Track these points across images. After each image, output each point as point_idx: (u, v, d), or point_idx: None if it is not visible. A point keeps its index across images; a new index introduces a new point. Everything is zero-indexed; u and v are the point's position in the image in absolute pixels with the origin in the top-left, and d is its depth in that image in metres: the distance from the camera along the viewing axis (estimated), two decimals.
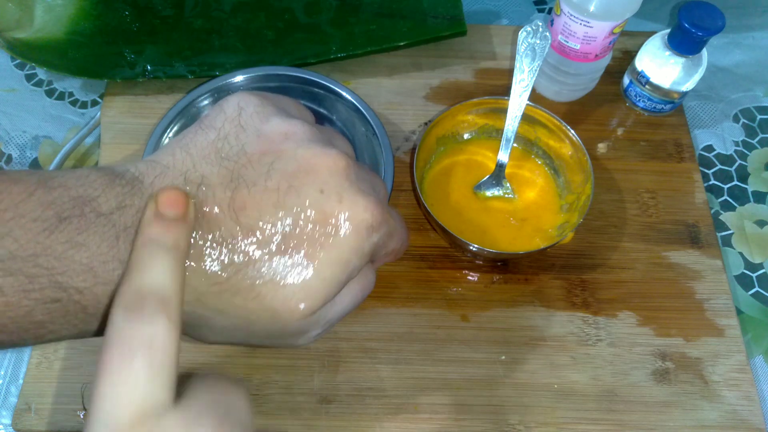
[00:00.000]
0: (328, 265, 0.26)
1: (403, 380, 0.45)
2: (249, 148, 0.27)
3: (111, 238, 0.24)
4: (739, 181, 0.57)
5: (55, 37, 0.55)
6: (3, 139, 0.57)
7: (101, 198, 0.24)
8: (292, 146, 0.27)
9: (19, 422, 0.42)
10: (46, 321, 0.24)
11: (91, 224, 0.24)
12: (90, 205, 0.24)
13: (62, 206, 0.23)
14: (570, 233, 0.47)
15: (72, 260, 0.23)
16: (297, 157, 0.27)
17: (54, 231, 0.23)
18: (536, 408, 0.44)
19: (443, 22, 0.57)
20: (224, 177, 0.26)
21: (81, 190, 0.24)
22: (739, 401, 0.45)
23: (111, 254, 0.24)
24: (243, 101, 0.29)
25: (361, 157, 0.51)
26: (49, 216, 0.23)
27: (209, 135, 0.28)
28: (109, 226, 0.24)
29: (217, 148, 0.27)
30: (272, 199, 0.26)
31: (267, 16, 0.57)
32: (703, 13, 0.49)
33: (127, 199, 0.25)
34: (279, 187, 0.26)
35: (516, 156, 0.52)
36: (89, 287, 0.24)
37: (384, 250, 0.30)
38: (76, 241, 0.23)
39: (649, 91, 0.54)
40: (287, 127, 0.28)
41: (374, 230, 0.27)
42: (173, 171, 0.26)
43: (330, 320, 0.29)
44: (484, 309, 0.47)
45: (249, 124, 0.28)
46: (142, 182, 0.26)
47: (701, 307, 0.48)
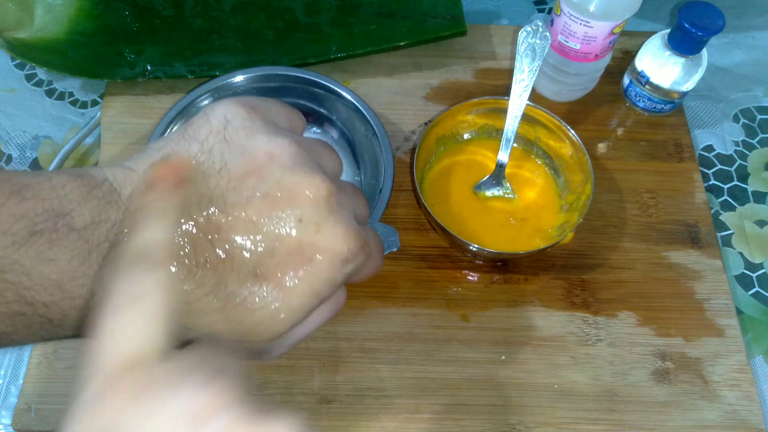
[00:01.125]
0: (299, 295, 0.26)
1: (403, 380, 0.45)
2: (231, 166, 0.26)
3: (83, 253, 0.24)
4: (739, 181, 0.57)
5: (55, 37, 0.55)
6: (3, 139, 0.57)
7: (75, 212, 0.24)
8: (274, 169, 0.26)
9: (19, 422, 0.42)
10: (9, 332, 0.23)
11: (63, 239, 0.23)
12: (63, 219, 0.23)
13: (34, 219, 0.23)
14: (570, 233, 0.47)
15: (40, 275, 0.23)
16: (279, 182, 0.26)
17: (23, 245, 0.23)
18: (536, 408, 0.44)
19: (443, 22, 0.57)
20: (202, 196, 0.26)
21: (55, 202, 0.24)
22: (739, 401, 0.45)
23: (81, 270, 0.24)
24: (230, 113, 0.28)
25: (361, 157, 0.51)
26: (20, 229, 0.23)
27: (192, 147, 0.27)
28: (82, 241, 0.24)
29: (199, 163, 0.26)
30: (249, 225, 0.25)
31: (267, 16, 0.57)
32: (703, 13, 0.49)
33: (102, 213, 0.24)
34: (257, 213, 0.26)
35: (516, 156, 0.52)
36: (56, 301, 0.23)
37: (357, 275, 0.29)
38: (45, 256, 0.23)
39: (649, 91, 0.54)
40: (272, 148, 0.27)
41: (349, 262, 0.27)
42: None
43: (296, 340, 0.29)
44: (484, 309, 0.47)
45: (234, 139, 0.27)
46: (119, 194, 0.25)
47: (701, 307, 0.48)
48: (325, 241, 0.26)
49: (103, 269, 0.24)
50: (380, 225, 0.44)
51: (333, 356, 0.45)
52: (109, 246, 0.24)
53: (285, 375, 0.44)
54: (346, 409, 0.43)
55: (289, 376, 0.44)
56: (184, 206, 0.25)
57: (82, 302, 0.24)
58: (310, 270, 0.26)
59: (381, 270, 0.48)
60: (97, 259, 0.24)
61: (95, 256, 0.24)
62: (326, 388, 0.44)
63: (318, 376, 0.44)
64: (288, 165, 0.27)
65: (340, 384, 0.44)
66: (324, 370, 0.45)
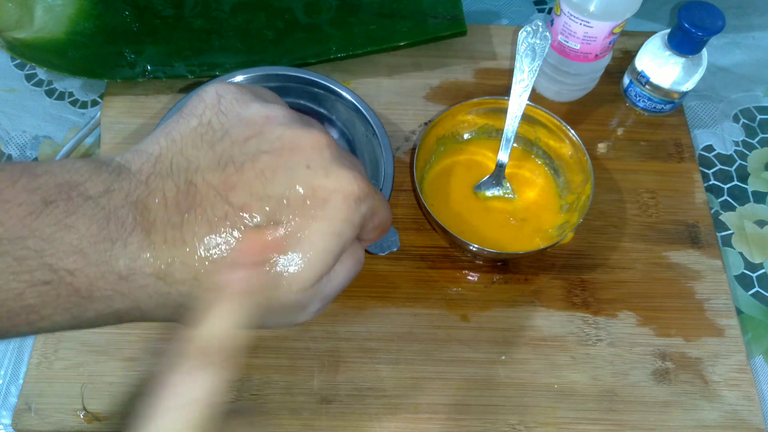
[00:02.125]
0: (321, 236, 0.27)
1: (403, 380, 0.45)
2: (233, 132, 0.28)
3: (101, 219, 0.24)
4: (739, 181, 0.57)
5: (55, 37, 0.55)
6: (3, 139, 0.57)
7: (88, 183, 0.24)
8: (274, 127, 0.28)
9: (19, 422, 0.43)
10: (37, 305, 0.23)
11: (79, 207, 0.24)
12: (77, 190, 0.24)
13: (48, 191, 0.24)
14: (570, 233, 0.47)
15: (61, 242, 0.23)
16: (281, 137, 0.28)
17: (40, 215, 0.23)
18: (536, 408, 0.44)
19: (443, 22, 0.57)
20: (211, 160, 0.27)
21: (67, 176, 0.24)
22: (739, 401, 0.45)
23: (102, 235, 0.24)
24: (221, 89, 0.29)
25: (361, 157, 0.51)
26: (35, 201, 0.23)
27: (191, 122, 0.28)
28: (98, 208, 0.24)
29: (201, 134, 0.27)
30: (261, 177, 0.26)
31: (267, 16, 0.57)
32: (703, 13, 0.49)
33: (114, 184, 0.25)
34: (266, 166, 0.27)
35: (516, 156, 0.52)
36: (80, 268, 0.24)
37: (371, 223, 0.30)
38: (64, 224, 0.23)
39: (649, 91, 0.54)
40: (267, 111, 0.28)
41: (362, 201, 0.28)
42: (160, 157, 0.27)
43: (327, 295, 0.29)
44: (484, 309, 0.47)
45: (229, 110, 0.28)
46: (129, 169, 0.26)
47: (701, 307, 0.48)
48: (335, 183, 0.27)
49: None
50: None
51: (333, 356, 0.45)
52: (126, 212, 0.24)
53: (285, 375, 0.44)
54: (346, 409, 0.43)
55: (289, 376, 0.44)
56: (193, 173, 0.26)
57: (107, 269, 0.24)
58: (327, 211, 0.27)
59: (381, 270, 0.48)
60: (115, 225, 0.24)
61: (113, 222, 0.24)
62: (326, 388, 0.44)
63: (318, 376, 0.44)
64: (285, 122, 0.28)
65: (340, 384, 0.44)
66: (324, 370, 0.45)
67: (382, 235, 0.32)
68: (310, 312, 0.29)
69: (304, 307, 0.29)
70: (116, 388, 0.44)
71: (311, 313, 0.29)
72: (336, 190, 0.27)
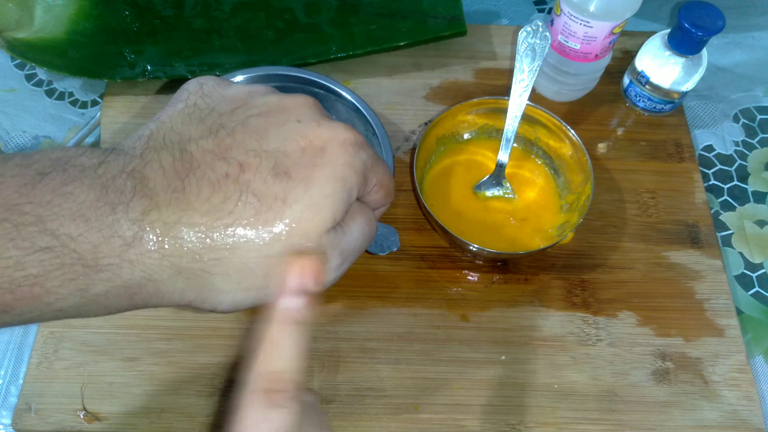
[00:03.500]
0: (326, 181, 0.27)
1: (403, 380, 0.45)
2: (219, 107, 0.28)
3: (98, 187, 0.24)
4: (739, 181, 0.57)
5: (55, 37, 0.55)
6: (3, 139, 0.57)
7: (83, 157, 0.25)
8: (259, 97, 0.29)
9: (19, 422, 0.43)
10: (40, 275, 0.22)
11: (76, 177, 0.24)
12: (71, 162, 0.24)
13: (42, 165, 0.23)
14: (570, 233, 0.47)
15: (60, 207, 0.23)
16: (267, 102, 0.29)
17: (37, 185, 0.23)
18: (536, 408, 0.44)
19: (443, 22, 0.57)
20: (203, 131, 0.27)
21: (60, 153, 0.24)
22: (739, 401, 0.45)
23: (101, 201, 0.24)
24: (202, 79, 0.30)
25: None
26: (30, 173, 0.23)
27: (178, 106, 0.28)
28: (95, 176, 0.24)
29: (189, 113, 0.28)
30: (254, 136, 0.27)
31: (267, 16, 0.57)
32: (703, 13, 0.49)
33: (109, 157, 0.25)
34: (258, 125, 0.27)
35: (516, 156, 0.52)
36: (82, 233, 0.23)
37: (374, 177, 0.30)
38: (61, 191, 0.23)
39: (649, 91, 0.54)
40: (249, 88, 0.30)
41: (359, 147, 0.28)
42: (152, 135, 0.27)
43: (345, 249, 0.29)
44: (484, 309, 0.47)
45: (213, 92, 0.29)
46: (122, 147, 0.26)
47: (701, 307, 0.48)
48: (328, 131, 0.28)
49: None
50: (380, 225, 0.44)
51: (333, 356, 0.45)
52: (123, 180, 0.24)
53: None
54: (346, 409, 0.43)
55: None
56: (187, 143, 0.27)
57: (111, 233, 0.23)
58: (327, 158, 0.27)
59: (381, 270, 0.48)
60: (114, 192, 0.24)
61: (111, 190, 0.24)
62: (326, 388, 0.44)
63: (318, 376, 0.44)
64: (269, 92, 0.30)
65: (340, 384, 0.44)
66: (324, 370, 0.45)
67: (387, 198, 0.32)
68: (331, 268, 0.29)
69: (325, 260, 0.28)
70: (116, 388, 0.44)
71: (332, 269, 0.29)
72: (331, 138, 0.27)
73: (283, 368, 0.25)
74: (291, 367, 0.25)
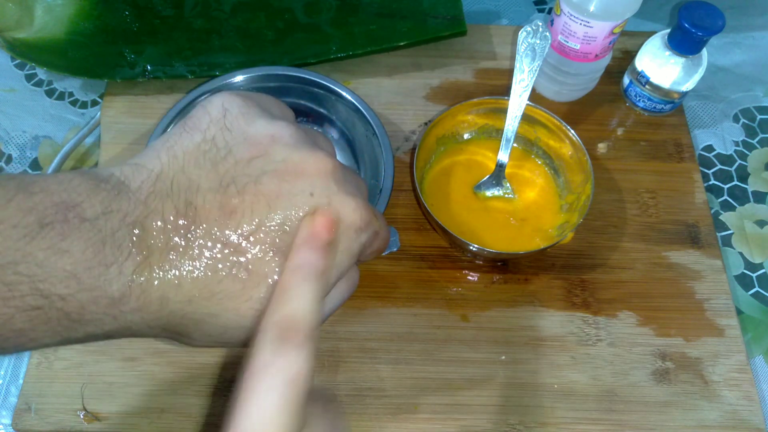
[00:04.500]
0: None
1: (403, 380, 0.45)
2: (236, 151, 0.27)
3: (97, 243, 0.23)
4: (739, 181, 0.57)
5: (55, 37, 0.55)
6: (3, 139, 0.57)
7: (85, 203, 0.24)
8: (279, 149, 0.27)
9: (19, 422, 0.43)
10: (27, 329, 0.23)
11: (75, 230, 0.23)
12: (74, 211, 0.23)
13: (44, 212, 0.23)
14: (570, 233, 0.47)
15: (54, 267, 0.23)
16: (285, 159, 0.27)
17: (35, 237, 0.22)
18: (536, 408, 0.44)
19: (443, 22, 0.57)
20: (213, 181, 0.26)
21: (64, 195, 0.24)
22: (739, 401, 0.45)
23: (96, 260, 0.23)
24: (227, 102, 0.28)
25: (361, 157, 0.51)
26: (30, 222, 0.23)
27: (195, 137, 0.27)
28: (95, 231, 0.24)
29: (204, 151, 0.27)
30: (263, 202, 0.26)
31: (267, 16, 0.57)
32: (703, 13, 0.49)
33: (113, 204, 0.24)
34: (269, 191, 0.26)
35: (516, 156, 0.52)
36: (72, 294, 0.23)
37: (369, 249, 0.30)
38: (58, 248, 0.23)
39: (649, 91, 0.54)
40: (273, 130, 0.28)
41: (362, 231, 0.28)
42: (161, 176, 0.26)
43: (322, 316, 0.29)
44: (484, 309, 0.47)
45: (234, 126, 0.28)
46: (128, 187, 0.25)
47: (701, 307, 0.48)
48: (338, 212, 0.27)
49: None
50: None
51: (333, 356, 0.45)
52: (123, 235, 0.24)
53: None
54: (346, 409, 0.43)
55: None
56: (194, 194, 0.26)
57: (100, 294, 0.24)
58: None
59: (381, 270, 0.48)
60: (111, 249, 0.24)
61: (109, 246, 0.24)
62: (326, 388, 0.44)
63: (318, 376, 0.44)
64: (290, 144, 0.28)
65: (340, 384, 0.44)
66: (324, 370, 0.45)
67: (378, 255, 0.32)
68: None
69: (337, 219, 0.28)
70: (116, 388, 0.44)
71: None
72: (338, 220, 0.27)
73: (295, 312, 0.24)
74: (304, 311, 0.24)
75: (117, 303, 0.24)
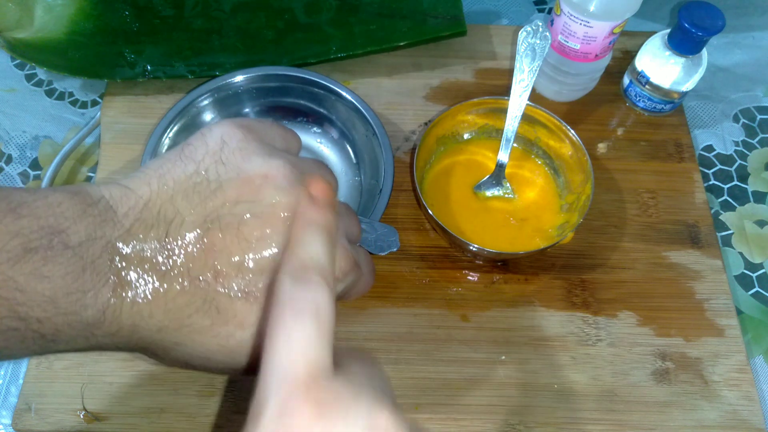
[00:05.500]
0: None
1: (403, 380, 0.45)
2: (227, 187, 0.27)
3: (77, 270, 0.24)
4: (739, 181, 0.57)
5: (55, 37, 0.55)
6: (3, 139, 0.57)
7: (71, 229, 0.24)
8: (270, 191, 0.27)
9: (19, 422, 0.42)
10: (1, 347, 0.23)
11: (58, 256, 0.24)
12: (59, 237, 0.24)
13: (29, 236, 0.23)
14: (570, 233, 0.47)
15: (34, 291, 0.23)
16: (275, 203, 0.27)
17: (18, 262, 0.23)
18: (536, 408, 0.44)
19: (443, 22, 0.57)
20: (198, 216, 0.26)
21: (51, 219, 0.24)
22: (739, 401, 0.45)
23: (75, 286, 0.24)
24: (227, 135, 0.28)
25: (361, 157, 0.51)
26: (15, 246, 0.23)
27: (188, 167, 0.27)
28: (77, 258, 0.24)
29: (195, 183, 0.27)
30: (243, 245, 0.26)
31: (267, 16, 0.57)
32: (703, 13, 0.49)
33: (97, 231, 0.25)
34: (252, 234, 0.26)
35: (516, 156, 0.52)
36: (49, 317, 0.24)
37: (348, 295, 0.30)
38: (40, 273, 0.23)
39: (649, 91, 0.54)
40: (267, 169, 0.27)
41: (339, 281, 0.28)
42: (148, 204, 0.26)
43: None
44: (484, 309, 0.47)
45: (230, 160, 0.27)
46: (115, 212, 0.25)
47: (701, 307, 0.48)
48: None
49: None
50: (380, 225, 0.44)
51: None
52: (103, 263, 0.24)
53: None
54: None
55: None
56: (178, 227, 0.26)
57: (76, 318, 0.24)
58: None
59: (381, 270, 0.48)
60: (90, 275, 0.24)
61: (89, 272, 0.24)
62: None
63: None
64: (282, 186, 0.27)
65: None
66: None
67: (362, 295, 0.33)
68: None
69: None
70: (116, 388, 0.44)
71: None
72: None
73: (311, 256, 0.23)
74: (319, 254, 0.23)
75: (90, 327, 0.25)
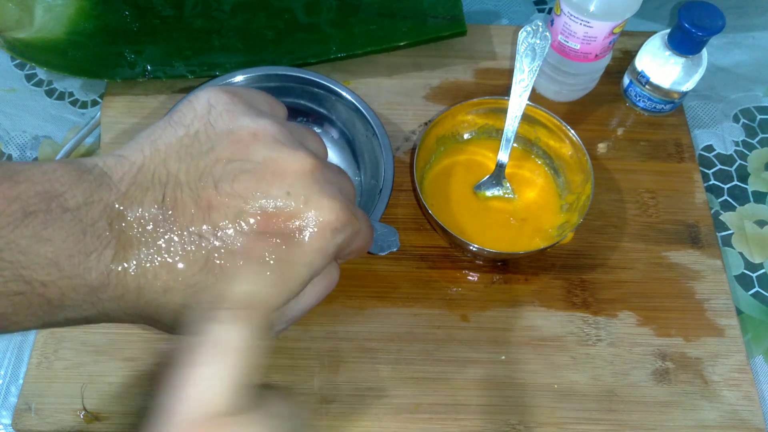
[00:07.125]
0: (291, 265, 0.27)
1: (403, 380, 0.45)
2: (218, 147, 0.27)
3: (77, 233, 0.24)
4: (739, 181, 0.57)
5: (55, 37, 0.55)
6: (3, 139, 0.57)
7: (68, 194, 0.25)
8: (260, 148, 0.27)
9: (19, 422, 0.43)
10: (9, 313, 0.24)
11: (57, 219, 0.24)
12: (56, 201, 0.24)
13: (27, 201, 0.24)
14: (570, 233, 0.47)
15: (37, 254, 0.23)
16: (265, 159, 0.27)
17: (18, 225, 0.23)
18: (536, 408, 0.44)
19: (443, 22, 0.57)
20: (192, 175, 0.27)
21: (47, 185, 0.24)
22: (739, 401, 0.45)
23: (77, 248, 0.24)
24: (213, 98, 0.29)
25: (361, 157, 0.51)
26: (14, 210, 0.23)
27: (178, 131, 0.28)
28: (76, 221, 0.24)
29: (186, 145, 0.27)
30: (239, 200, 0.26)
31: (267, 16, 0.57)
32: (703, 13, 0.49)
33: (94, 195, 0.25)
34: (246, 188, 0.27)
35: (516, 156, 0.52)
36: (54, 281, 0.24)
37: (348, 249, 0.30)
38: (41, 236, 0.24)
39: (649, 91, 0.54)
40: (256, 127, 0.28)
41: (338, 231, 0.28)
42: (142, 168, 0.26)
43: (293, 317, 0.30)
44: (484, 309, 0.47)
45: (218, 122, 0.28)
46: (110, 177, 0.26)
47: (701, 307, 0.48)
48: (313, 211, 0.27)
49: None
50: (380, 225, 0.44)
51: (333, 356, 0.45)
52: (102, 225, 0.25)
53: (285, 375, 0.44)
54: (346, 409, 0.43)
55: (290, 376, 0.44)
56: (173, 187, 0.26)
57: (80, 282, 0.24)
58: (301, 240, 0.27)
59: (381, 270, 0.48)
60: (91, 238, 0.24)
61: (90, 235, 0.24)
62: (326, 388, 0.44)
63: (318, 376, 0.44)
64: (272, 142, 0.28)
65: (340, 384, 0.44)
66: (324, 370, 0.45)
67: (360, 255, 0.32)
68: (272, 332, 0.30)
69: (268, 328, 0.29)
70: (116, 388, 0.44)
71: (274, 333, 0.30)
72: (313, 220, 0.27)
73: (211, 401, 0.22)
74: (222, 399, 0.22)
75: (96, 290, 0.25)
